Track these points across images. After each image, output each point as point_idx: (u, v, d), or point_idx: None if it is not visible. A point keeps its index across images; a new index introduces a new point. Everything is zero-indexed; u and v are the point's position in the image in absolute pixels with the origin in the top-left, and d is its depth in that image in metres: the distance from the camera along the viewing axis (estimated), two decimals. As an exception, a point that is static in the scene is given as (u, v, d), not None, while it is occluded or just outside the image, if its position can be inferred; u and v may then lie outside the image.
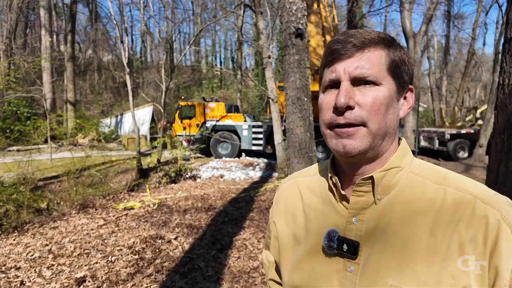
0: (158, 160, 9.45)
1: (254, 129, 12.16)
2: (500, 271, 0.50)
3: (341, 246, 0.58)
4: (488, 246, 0.51)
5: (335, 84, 0.58)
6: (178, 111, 13.02)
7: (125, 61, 9.14)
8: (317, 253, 0.62)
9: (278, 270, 0.77)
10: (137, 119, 13.42)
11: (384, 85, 0.57)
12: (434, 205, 0.55)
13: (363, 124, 0.56)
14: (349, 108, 0.56)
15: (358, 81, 0.57)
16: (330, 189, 0.64)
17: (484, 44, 40.83)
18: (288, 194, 0.74)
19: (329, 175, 0.64)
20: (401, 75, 0.59)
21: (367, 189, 0.59)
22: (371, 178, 0.58)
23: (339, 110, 0.56)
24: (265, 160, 11.41)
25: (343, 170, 0.63)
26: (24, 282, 2.91)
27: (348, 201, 0.61)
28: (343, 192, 0.61)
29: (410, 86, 0.62)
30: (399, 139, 0.65)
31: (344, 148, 0.57)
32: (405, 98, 0.61)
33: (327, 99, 0.59)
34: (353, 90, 0.56)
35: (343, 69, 0.57)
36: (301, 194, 0.71)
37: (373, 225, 0.58)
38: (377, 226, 0.57)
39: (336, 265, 0.59)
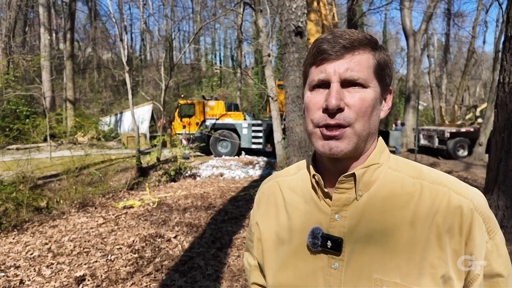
0: (158, 159, 9.44)
1: (254, 128, 12.15)
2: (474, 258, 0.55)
3: (325, 243, 0.59)
4: (463, 235, 0.54)
5: (324, 84, 0.59)
6: (177, 110, 13.01)
7: (124, 59, 9.11)
8: (302, 251, 0.62)
9: (262, 273, 0.75)
10: (137, 117, 13.41)
11: (371, 88, 0.58)
12: (413, 199, 0.58)
13: (350, 125, 0.57)
14: (340, 110, 0.57)
15: (347, 83, 0.57)
16: (313, 187, 0.65)
17: (484, 42, 40.79)
18: (269, 194, 0.74)
19: (312, 173, 0.65)
20: (385, 77, 0.61)
21: (349, 186, 0.60)
22: (353, 175, 0.60)
23: (330, 112, 0.57)
24: (265, 159, 11.41)
25: (325, 168, 0.64)
26: (24, 281, 2.91)
27: (330, 198, 0.62)
28: (326, 190, 0.62)
29: (390, 88, 0.64)
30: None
31: (330, 151, 0.58)
32: (385, 99, 0.64)
33: (316, 99, 0.59)
34: (342, 92, 0.57)
35: (333, 70, 0.57)
36: (282, 194, 0.71)
37: (356, 221, 0.59)
38: (359, 222, 0.59)
39: (321, 262, 0.60)
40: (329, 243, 0.59)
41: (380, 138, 0.65)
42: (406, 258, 0.54)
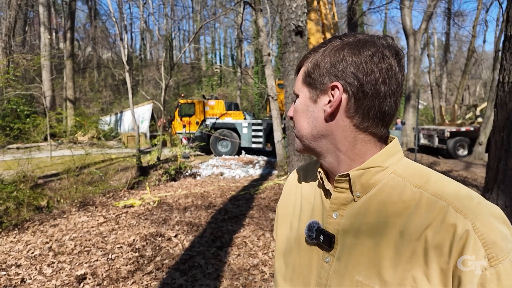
0: (158, 158, 9.45)
1: (254, 127, 12.15)
2: (463, 282, 0.49)
3: (319, 237, 0.62)
4: (453, 255, 0.50)
5: None
6: (177, 109, 13.01)
7: (124, 59, 9.11)
8: (303, 242, 0.66)
9: None
10: (137, 116, 13.42)
11: (300, 95, 0.65)
12: (408, 208, 0.56)
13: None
14: (292, 118, 0.69)
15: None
16: (319, 183, 0.68)
17: (484, 41, 40.86)
18: (292, 184, 0.80)
19: (318, 169, 0.68)
20: (315, 79, 0.61)
21: (346, 186, 0.61)
22: (348, 175, 0.60)
23: None
24: (265, 158, 11.42)
25: None
26: (25, 280, 2.92)
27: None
28: (327, 187, 0.64)
29: (332, 84, 0.59)
30: (388, 138, 0.64)
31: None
32: (332, 95, 0.59)
33: None
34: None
35: None
36: (301, 186, 0.76)
37: (350, 221, 0.60)
38: (353, 223, 0.60)
39: (316, 255, 0.64)
40: (321, 237, 0.62)
41: (395, 140, 0.63)
42: (388, 266, 0.54)
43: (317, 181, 0.70)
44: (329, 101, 0.60)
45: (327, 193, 0.65)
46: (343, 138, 0.60)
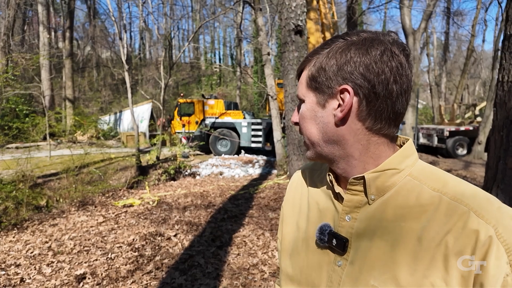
0: (157, 158, 9.44)
1: (253, 126, 12.16)
2: None
3: (331, 240, 0.60)
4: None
5: None
6: (177, 108, 13.00)
7: (123, 58, 9.10)
8: (313, 243, 0.65)
9: None
10: (136, 116, 13.41)
11: (306, 101, 0.62)
12: (426, 213, 0.54)
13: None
14: (296, 124, 0.67)
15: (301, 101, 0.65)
16: (329, 186, 0.66)
17: (483, 41, 40.78)
18: (298, 183, 0.78)
19: (328, 172, 0.66)
20: (321, 83, 0.59)
21: (360, 189, 0.59)
22: (363, 178, 0.58)
23: None
24: (264, 158, 11.42)
25: None
26: (24, 279, 2.92)
27: (342, 198, 0.63)
28: (337, 190, 0.62)
29: (341, 87, 0.56)
30: (398, 139, 0.63)
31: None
32: (342, 99, 0.57)
33: None
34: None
35: None
36: (308, 185, 0.74)
37: (364, 224, 0.58)
38: (367, 226, 0.58)
39: (327, 258, 0.62)
40: (334, 241, 0.60)
41: (410, 141, 0.62)
42: (406, 272, 0.53)
43: (325, 182, 0.69)
44: (339, 105, 0.57)
45: (338, 196, 0.63)
46: (356, 142, 0.59)
